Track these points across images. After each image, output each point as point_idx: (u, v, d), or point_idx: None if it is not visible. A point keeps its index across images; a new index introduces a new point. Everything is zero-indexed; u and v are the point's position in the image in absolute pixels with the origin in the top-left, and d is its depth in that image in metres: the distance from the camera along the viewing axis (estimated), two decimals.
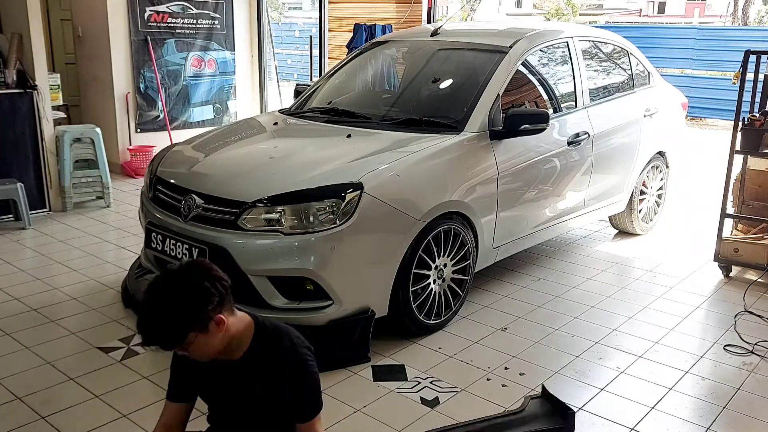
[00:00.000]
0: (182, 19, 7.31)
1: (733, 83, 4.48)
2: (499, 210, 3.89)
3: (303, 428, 1.96)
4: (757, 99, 4.52)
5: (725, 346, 3.60)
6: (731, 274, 4.65)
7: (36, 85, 5.51)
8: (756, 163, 4.66)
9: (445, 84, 4.39)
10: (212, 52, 7.66)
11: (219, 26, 7.66)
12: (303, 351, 1.96)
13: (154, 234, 3.56)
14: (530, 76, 4.35)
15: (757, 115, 4.37)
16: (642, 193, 5.30)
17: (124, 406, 2.88)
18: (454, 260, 3.69)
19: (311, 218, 3.16)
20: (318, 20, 8.44)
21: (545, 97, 4.45)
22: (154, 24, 7.11)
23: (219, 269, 1.85)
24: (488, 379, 3.20)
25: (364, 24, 7.69)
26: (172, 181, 3.65)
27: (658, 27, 20.62)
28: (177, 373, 2.04)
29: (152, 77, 7.14)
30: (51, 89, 5.91)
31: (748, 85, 4.40)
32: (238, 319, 1.88)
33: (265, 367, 1.91)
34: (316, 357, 2.00)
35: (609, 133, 4.69)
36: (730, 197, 4.66)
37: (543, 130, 3.93)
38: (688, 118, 8.50)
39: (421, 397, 3.02)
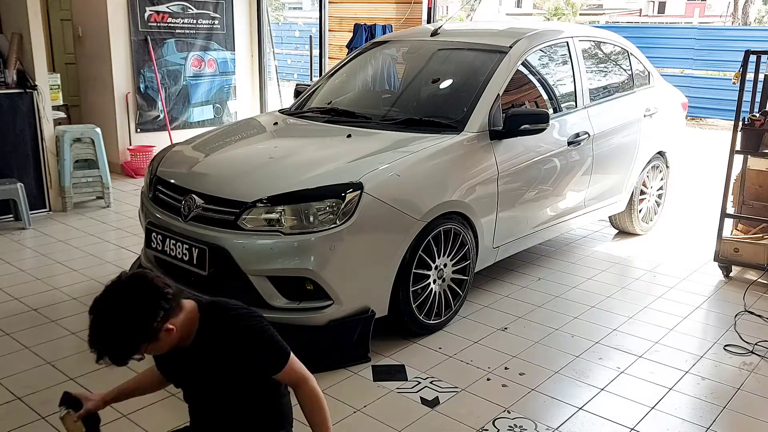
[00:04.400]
0: (182, 19, 7.31)
1: (733, 83, 4.47)
2: (499, 210, 3.89)
3: (281, 376, 1.99)
4: (757, 99, 4.52)
5: (725, 346, 3.60)
6: (731, 274, 4.65)
7: (36, 85, 5.51)
8: (756, 163, 4.65)
9: (445, 84, 4.39)
10: (212, 52, 7.66)
11: (219, 26, 7.66)
12: (242, 313, 1.98)
13: (154, 234, 3.56)
14: (530, 76, 4.35)
15: (757, 115, 4.37)
16: (642, 193, 5.30)
17: (124, 406, 2.87)
18: (454, 260, 3.69)
19: (311, 218, 3.16)
20: (318, 20, 8.43)
21: (545, 97, 4.45)
22: (154, 24, 7.11)
23: (162, 278, 1.86)
24: (488, 379, 3.20)
25: (364, 24, 7.69)
26: (172, 181, 3.65)
27: (658, 27, 20.62)
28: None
29: (152, 77, 7.14)
30: (51, 89, 5.91)
31: (748, 85, 4.40)
32: (184, 314, 1.89)
33: (216, 344, 1.93)
34: (316, 357, 2.01)
35: (609, 133, 4.69)
36: (730, 197, 4.66)
37: (543, 130, 3.93)
38: (688, 118, 8.49)
39: (421, 397, 3.02)
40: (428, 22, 7.44)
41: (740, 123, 4.40)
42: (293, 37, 16.57)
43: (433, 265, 3.57)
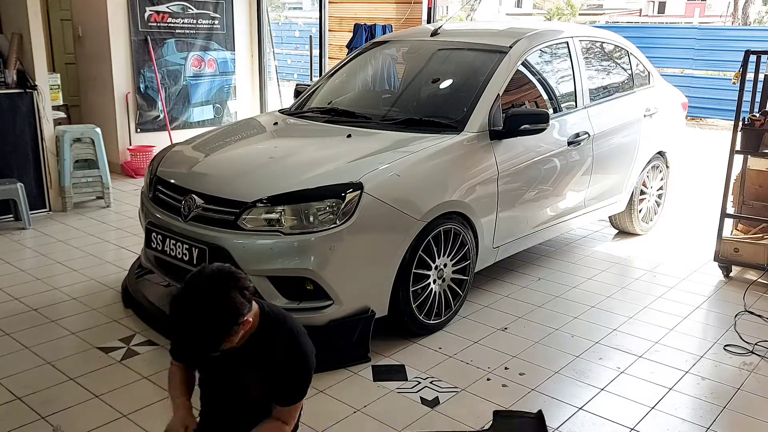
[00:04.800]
0: (182, 19, 7.31)
1: (733, 83, 4.47)
2: (499, 210, 3.89)
3: (280, 412, 2.01)
4: (757, 99, 4.52)
5: (725, 346, 3.60)
6: (731, 274, 4.65)
7: (36, 85, 5.51)
8: (756, 163, 4.65)
9: (445, 84, 4.39)
10: (212, 52, 7.66)
11: (219, 26, 7.66)
12: (301, 338, 2.01)
13: (154, 234, 3.56)
14: (530, 76, 4.34)
15: (757, 115, 4.37)
16: (642, 193, 5.30)
17: (124, 406, 2.88)
18: (454, 260, 3.69)
19: (311, 218, 3.16)
20: (318, 20, 8.43)
21: (545, 97, 4.44)
22: (154, 24, 7.11)
23: (239, 272, 1.88)
24: (488, 379, 3.20)
25: (364, 24, 7.69)
26: (172, 181, 3.65)
27: (658, 27, 20.61)
28: (177, 343, 2.12)
29: (152, 77, 7.14)
30: (51, 89, 5.91)
31: (748, 85, 4.40)
32: (254, 313, 1.92)
33: (263, 352, 1.95)
34: (316, 357, 2.02)
35: (609, 133, 4.69)
36: (730, 197, 4.66)
37: (543, 130, 3.93)
38: (688, 118, 8.50)
39: (421, 397, 3.02)
40: (428, 22, 7.45)
41: (740, 123, 4.40)
42: (293, 37, 16.57)
43: (433, 265, 3.56)
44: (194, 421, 2.07)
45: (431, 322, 3.63)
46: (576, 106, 4.53)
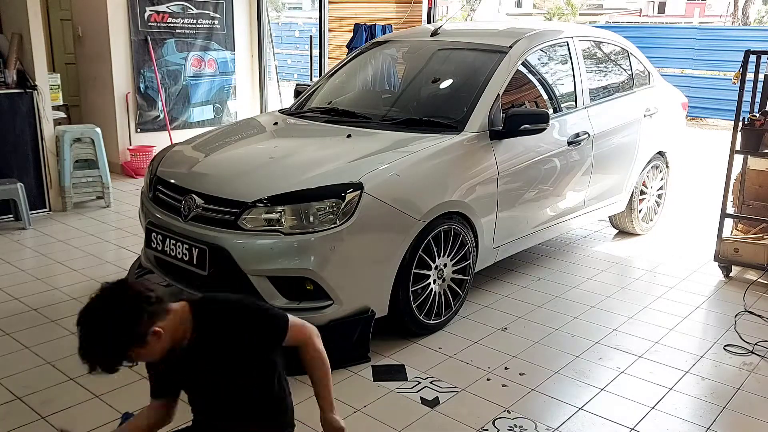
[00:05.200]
0: (182, 19, 7.31)
1: (733, 83, 4.47)
2: (499, 210, 3.89)
3: (289, 341, 2.02)
4: (757, 99, 4.52)
5: (725, 346, 3.60)
6: (731, 274, 4.65)
7: (36, 85, 5.51)
8: (756, 163, 4.65)
9: (445, 84, 4.39)
10: (212, 52, 7.66)
11: (219, 26, 7.66)
12: (231, 299, 2.03)
13: (154, 234, 3.56)
14: (530, 76, 4.35)
15: (757, 115, 4.37)
16: (642, 193, 5.30)
17: (124, 406, 2.88)
18: (454, 260, 3.69)
19: (311, 218, 3.16)
20: (318, 20, 8.44)
21: (545, 97, 4.44)
22: (154, 24, 7.11)
23: (143, 283, 1.89)
24: (488, 379, 3.20)
25: (364, 24, 7.69)
26: (172, 181, 3.65)
27: (658, 27, 20.62)
28: (152, 373, 2.11)
29: (152, 77, 7.14)
30: (51, 89, 5.91)
31: (748, 85, 4.40)
32: (174, 315, 1.90)
33: (216, 334, 1.94)
34: None
35: (609, 133, 4.69)
36: (730, 197, 4.66)
37: (543, 130, 3.93)
38: (688, 118, 8.50)
39: (421, 397, 3.02)
40: (428, 22, 7.45)
41: (740, 123, 4.40)
42: (293, 37, 16.57)
43: (433, 265, 3.56)
44: None
45: (431, 322, 3.63)
46: (576, 106, 4.52)
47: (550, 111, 4.29)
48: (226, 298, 2.04)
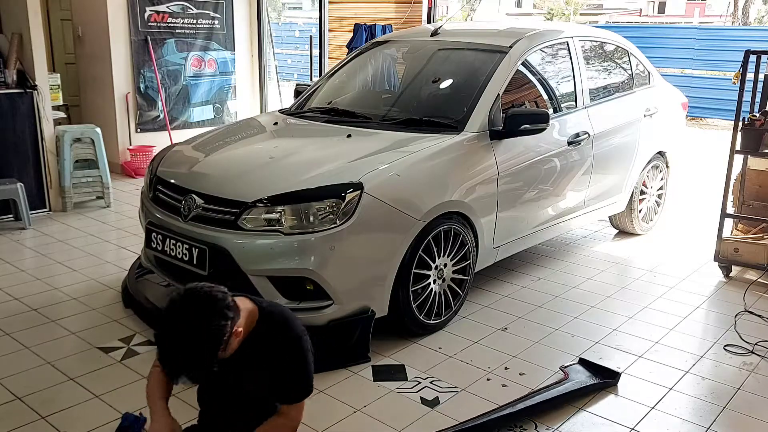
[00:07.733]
0: (182, 19, 7.31)
1: (733, 83, 4.47)
2: (499, 210, 3.89)
3: (287, 409, 2.01)
4: (757, 99, 4.52)
5: (725, 346, 3.60)
6: (731, 274, 4.65)
7: (36, 85, 5.51)
8: (756, 163, 4.65)
9: (445, 84, 4.39)
10: (212, 52, 7.66)
11: (219, 26, 7.66)
12: (299, 333, 2.01)
13: (154, 234, 3.56)
14: (530, 76, 4.35)
15: (757, 115, 4.37)
16: (642, 193, 5.30)
17: (124, 406, 2.88)
18: (454, 260, 3.69)
19: (311, 218, 3.16)
20: (318, 20, 8.43)
21: (545, 97, 4.44)
22: (154, 24, 7.11)
23: (217, 288, 1.87)
24: (488, 379, 3.20)
25: (364, 24, 7.69)
26: (172, 181, 3.65)
27: (658, 27, 20.62)
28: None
29: (152, 77, 7.14)
30: (51, 89, 5.91)
31: (748, 85, 4.40)
32: (246, 315, 1.92)
33: (263, 352, 1.95)
34: (316, 357, 2.02)
35: (609, 133, 4.69)
36: (730, 197, 4.66)
37: (543, 130, 3.93)
38: (688, 118, 8.48)
39: (421, 397, 3.02)
40: (428, 22, 7.45)
41: (740, 123, 4.40)
42: (293, 37, 16.56)
43: (433, 265, 3.56)
44: (179, 427, 2.07)
45: (431, 322, 3.62)
46: (576, 106, 4.52)
47: (550, 111, 4.29)
48: (293, 325, 2.02)
